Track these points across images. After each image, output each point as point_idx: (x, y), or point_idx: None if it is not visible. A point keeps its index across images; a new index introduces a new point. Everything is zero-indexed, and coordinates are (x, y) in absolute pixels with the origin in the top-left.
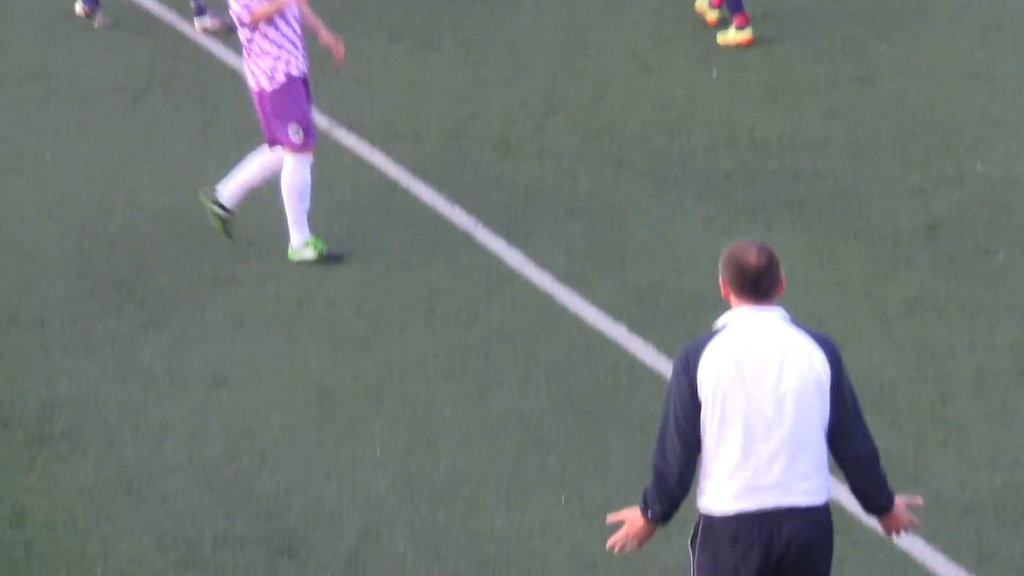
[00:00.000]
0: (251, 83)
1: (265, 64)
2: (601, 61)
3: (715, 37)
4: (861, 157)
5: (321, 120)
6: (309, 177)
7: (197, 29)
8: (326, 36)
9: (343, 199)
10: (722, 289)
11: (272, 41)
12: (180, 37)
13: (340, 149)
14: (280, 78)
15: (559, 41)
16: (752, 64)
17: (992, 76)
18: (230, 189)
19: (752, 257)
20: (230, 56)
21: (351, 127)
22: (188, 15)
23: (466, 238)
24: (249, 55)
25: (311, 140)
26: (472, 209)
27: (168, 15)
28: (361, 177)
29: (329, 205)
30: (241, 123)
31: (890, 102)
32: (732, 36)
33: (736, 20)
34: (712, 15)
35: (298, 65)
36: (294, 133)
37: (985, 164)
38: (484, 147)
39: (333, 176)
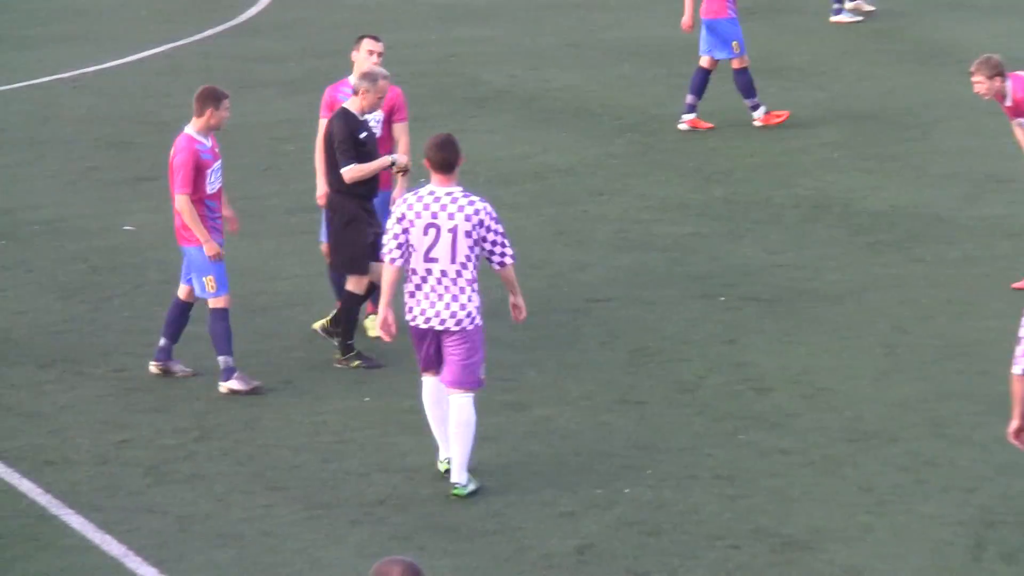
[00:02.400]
0: None
1: None
2: None
3: (366, 369)
4: (513, 481)
5: None
6: None
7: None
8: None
9: None
10: None
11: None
12: None
13: None
14: None
15: (212, 368)
16: (404, 389)
17: (639, 400)
18: None
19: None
20: None
21: None
22: None
23: (117, 566)
24: None
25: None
26: (123, 537)
27: None
28: (9, 505)
29: None
30: None
31: (541, 426)
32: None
33: None
34: None
35: None
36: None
37: (633, 488)
38: (136, 473)
39: None
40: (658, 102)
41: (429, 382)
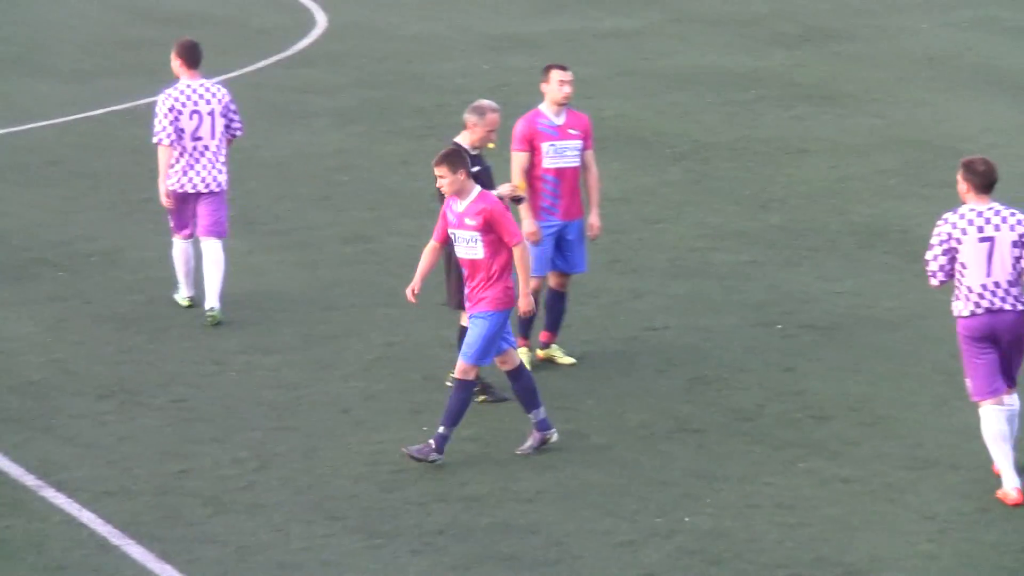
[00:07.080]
0: None
1: None
2: (312, 417)
3: (424, 393)
4: (572, 510)
5: (28, 479)
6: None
7: None
8: None
9: (52, 559)
10: None
11: None
12: None
13: (49, 508)
14: None
15: (270, 398)
16: (463, 419)
17: (697, 428)
18: None
19: None
20: None
21: (60, 486)
22: None
23: None
24: None
25: None
26: (184, 567)
27: None
28: (70, 536)
29: (36, 564)
30: None
31: (600, 455)
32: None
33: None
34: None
35: None
36: None
37: (693, 517)
38: (195, 503)
39: (42, 536)
40: (711, 130)
41: None
